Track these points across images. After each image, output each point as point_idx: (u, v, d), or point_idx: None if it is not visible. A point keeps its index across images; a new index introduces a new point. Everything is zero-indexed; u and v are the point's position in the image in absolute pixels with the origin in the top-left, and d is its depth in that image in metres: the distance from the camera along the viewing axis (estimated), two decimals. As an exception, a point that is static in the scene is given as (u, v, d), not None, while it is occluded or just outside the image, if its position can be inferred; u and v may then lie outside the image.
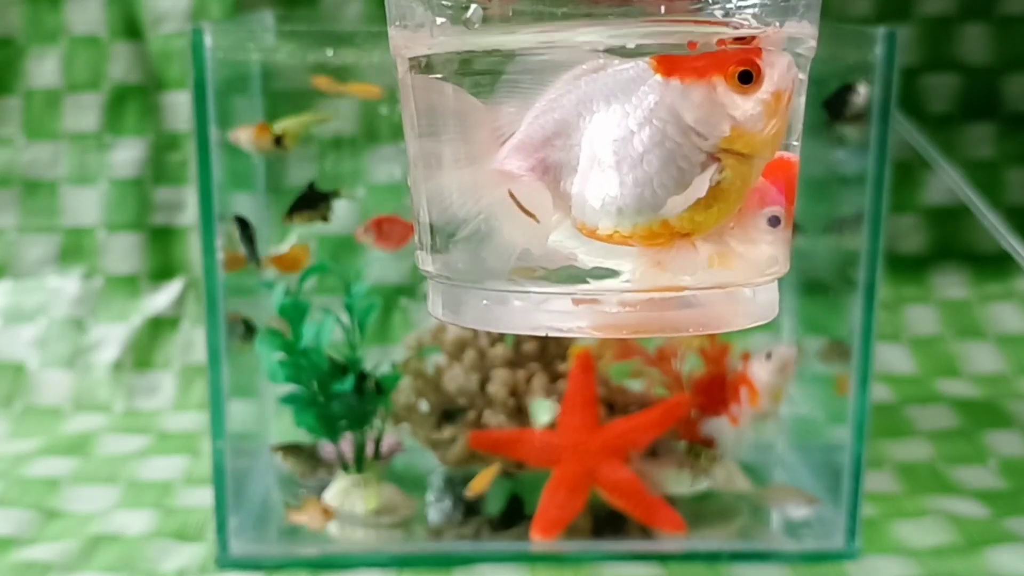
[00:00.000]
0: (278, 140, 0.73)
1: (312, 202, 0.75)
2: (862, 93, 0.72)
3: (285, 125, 0.74)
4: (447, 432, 0.77)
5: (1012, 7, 1.09)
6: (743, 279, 0.40)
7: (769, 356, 0.75)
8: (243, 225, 0.75)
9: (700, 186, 0.37)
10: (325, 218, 0.75)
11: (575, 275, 0.39)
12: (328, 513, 0.75)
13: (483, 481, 0.75)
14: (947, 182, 0.73)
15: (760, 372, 0.75)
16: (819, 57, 0.42)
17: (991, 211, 0.70)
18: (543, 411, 0.75)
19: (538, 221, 0.38)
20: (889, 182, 0.70)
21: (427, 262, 0.42)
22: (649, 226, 0.37)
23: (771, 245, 0.40)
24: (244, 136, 0.73)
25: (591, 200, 0.37)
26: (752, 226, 0.39)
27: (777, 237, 0.40)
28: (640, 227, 0.37)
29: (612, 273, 0.39)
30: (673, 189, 0.36)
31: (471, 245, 0.39)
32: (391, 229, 0.73)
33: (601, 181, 0.37)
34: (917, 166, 1.03)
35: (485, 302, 0.40)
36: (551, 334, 0.40)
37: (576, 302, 0.39)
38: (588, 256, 0.38)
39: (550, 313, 0.39)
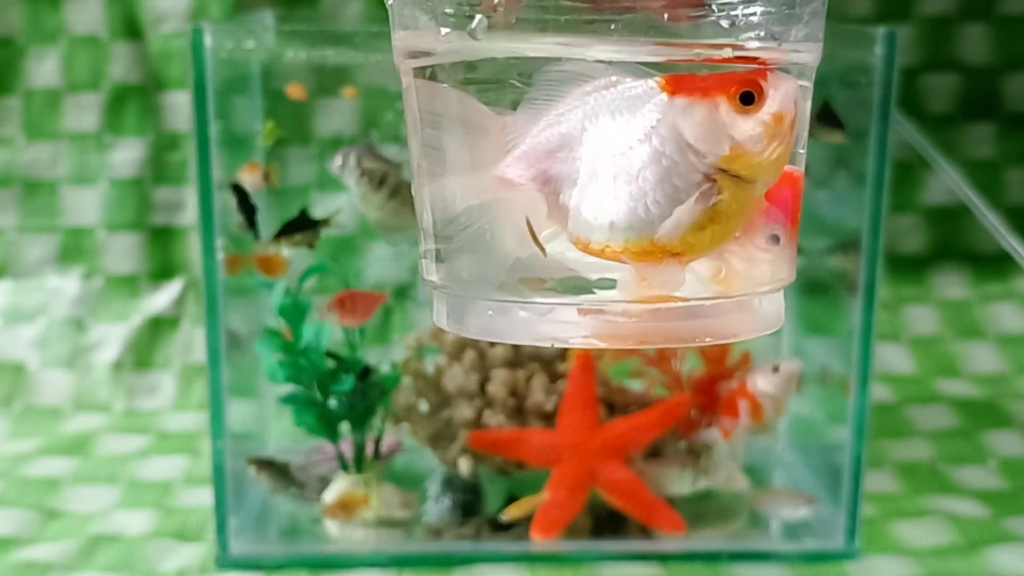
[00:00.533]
0: (266, 176, 0.74)
1: (302, 228, 0.75)
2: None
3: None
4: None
5: (1012, 7, 1.09)
6: (748, 289, 0.40)
7: (776, 370, 0.75)
8: (241, 195, 0.74)
9: (692, 206, 0.36)
10: (311, 245, 0.75)
11: (580, 286, 0.39)
12: (356, 502, 0.75)
13: (521, 510, 0.75)
14: (947, 182, 0.73)
15: (766, 386, 0.75)
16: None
17: (991, 211, 0.70)
18: None
19: (545, 254, 0.38)
20: (889, 182, 0.70)
21: (431, 271, 0.42)
22: (640, 243, 0.37)
23: (771, 263, 0.40)
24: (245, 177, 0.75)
25: (586, 213, 0.37)
26: (752, 244, 0.39)
27: (778, 254, 0.40)
28: (631, 243, 0.37)
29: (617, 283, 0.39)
30: (667, 207, 0.36)
31: (473, 252, 0.40)
32: (354, 304, 0.73)
33: (597, 195, 0.37)
34: (917, 166, 1.03)
35: (490, 312, 0.40)
36: (556, 345, 0.40)
37: (582, 312, 0.39)
38: (586, 269, 0.38)
39: (555, 324, 0.39)
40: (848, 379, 0.73)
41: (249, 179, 0.75)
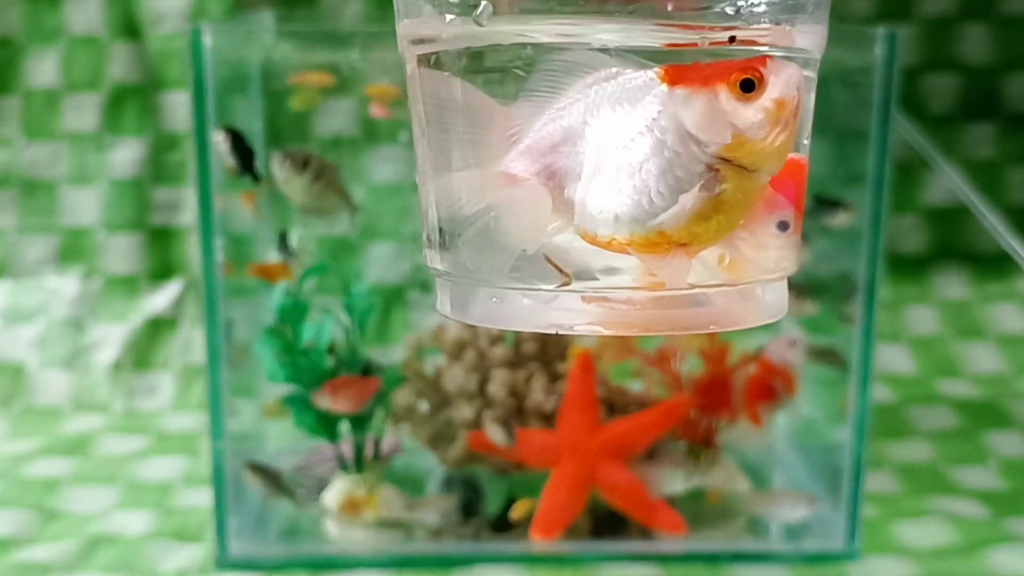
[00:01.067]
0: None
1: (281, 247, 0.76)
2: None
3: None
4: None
5: (1012, 7, 1.09)
6: (753, 277, 0.40)
7: (795, 343, 0.75)
8: (235, 137, 0.73)
9: (695, 197, 0.36)
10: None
11: (584, 272, 0.39)
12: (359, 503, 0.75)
13: (528, 508, 0.75)
14: (947, 182, 0.73)
15: (794, 358, 0.75)
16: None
17: (991, 211, 0.70)
18: None
19: (570, 280, 0.38)
20: (889, 182, 0.69)
21: (435, 260, 0.42)
22: (646, 235, 0.37)
23: (780, 249, 0.40)
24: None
25: (591, 207, 0.37)
26: (761, 231, 0.39)
27: (786, 241, 0.40)
28: (637, 235, 0.37)
29: (621, 271, 0.39)
30: (670, 198, 0.36)
31: (478, 243, 0.40)
32: (347, 391, 0.74)
33: (601, 188, 0.37)
34: (917, 166, 1.03)
35: (494, 300, 0.40)
36: (559, 332, 0.40)
37: (586, 300, 0.39)
38: (593, 260, 0.39)
39: (558, 311, 0.39)
40: (849, 400, 0.73)
41: (245, 208, 0.75)
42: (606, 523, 0.75)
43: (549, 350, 0.79)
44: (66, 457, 0.91)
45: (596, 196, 0.37)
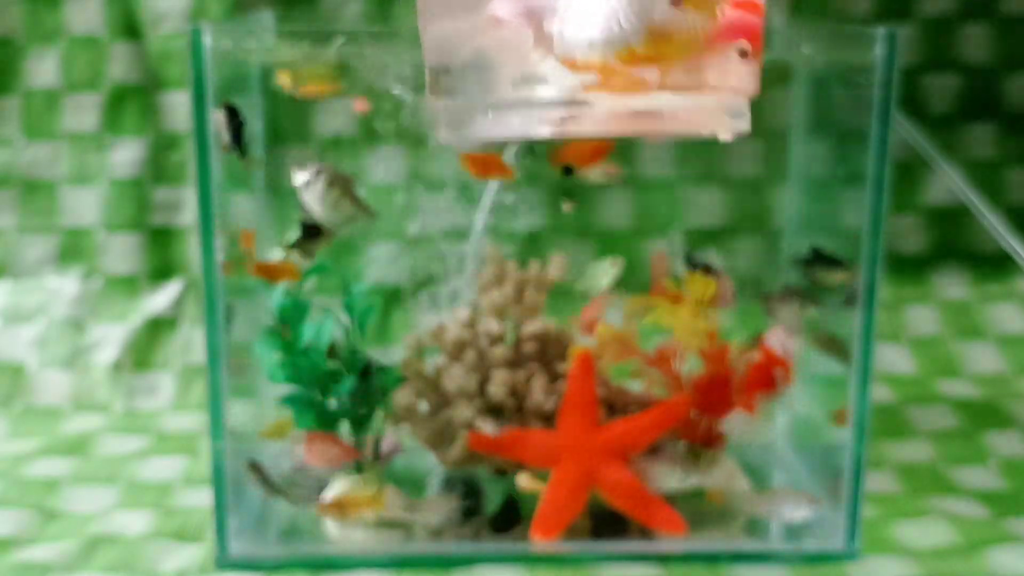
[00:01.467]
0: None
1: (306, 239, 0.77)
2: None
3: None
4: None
5: (1012, 7, 1.09)
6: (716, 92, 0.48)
7: (793, 332, 0.76)
8: (232, 114, 0.73)
9: (658, 14, 0.44)
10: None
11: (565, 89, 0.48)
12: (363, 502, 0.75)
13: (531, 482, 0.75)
14: (947, 182, 0.73)
15: (790, 346, 0.75)
16: (819, 58, 0.43)
17: (991, 211, 0.70)
18: (604, 273, 0.75)
19: (575, 205, 0.48)
20: (889, 182, 0.69)
21: (436, 95, 0.50)
22: (619, 54, 0.44)
23: (739, 74, 0.47)
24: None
25: (568, 36, 0.45)
26: (723, 58, 0.47)
27: (745, 67, 0.48)
28: (610, 56, 0.44)
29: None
30: (636, 22, 0.43)
31: (472, 77, 0.48)
32: (324, 447, 0.74)
33: (575, 20, 0.45)
34: (917, 166, 1.03)
35: (491, 115, 0.49)
36: (547, 136, 0.49)
37: (568, 109, 0.48)
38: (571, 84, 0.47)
39: (545, 123, 0.48)
40: (846, 412, 0.73)
41: (243, 246, 0.75)
42: (606, 523, 0.75)
43: (549, 350, 0.79)
44: (66, 457, 0.91)
45: (572, 27, 0.45)
